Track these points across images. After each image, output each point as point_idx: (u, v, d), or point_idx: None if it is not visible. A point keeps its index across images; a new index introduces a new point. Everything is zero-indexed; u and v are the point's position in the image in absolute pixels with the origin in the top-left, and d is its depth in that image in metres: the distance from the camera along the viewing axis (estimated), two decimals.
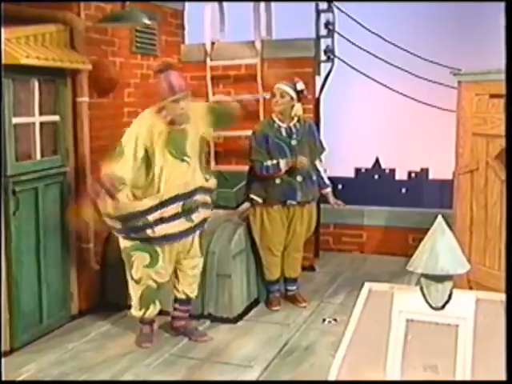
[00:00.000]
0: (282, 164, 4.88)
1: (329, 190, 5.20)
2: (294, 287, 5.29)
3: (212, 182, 4.44)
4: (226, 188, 5.57)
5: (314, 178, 5.07)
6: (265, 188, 4.99)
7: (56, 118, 4.69)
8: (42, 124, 4.55)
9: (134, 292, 4.39)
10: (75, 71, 4.73)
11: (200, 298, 4.81)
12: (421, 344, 2.58)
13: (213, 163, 6.47)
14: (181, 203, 4.19)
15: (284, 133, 5.00)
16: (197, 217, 4.30)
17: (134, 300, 4.41)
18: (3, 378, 3.80)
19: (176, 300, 4.58)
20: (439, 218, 2.64)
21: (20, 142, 4.35)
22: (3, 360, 4.04)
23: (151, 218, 4.13)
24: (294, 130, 5.02)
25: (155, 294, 4.40)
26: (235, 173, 6.05)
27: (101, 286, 5.22)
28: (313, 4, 6.30)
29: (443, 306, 2.58)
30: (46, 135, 4.60)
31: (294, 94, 4.97)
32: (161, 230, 4.17)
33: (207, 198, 4.37)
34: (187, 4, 6.56)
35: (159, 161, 4.11)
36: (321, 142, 5.23)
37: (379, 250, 6.79)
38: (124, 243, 4.31)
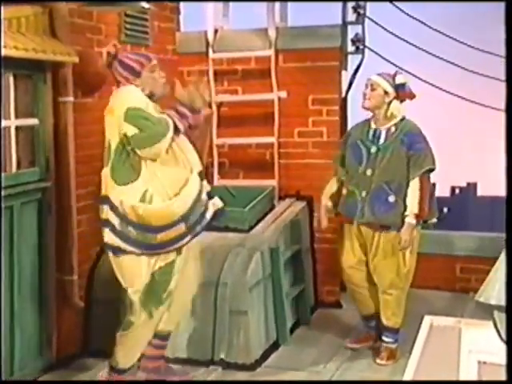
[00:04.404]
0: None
1: (408, 221, 4.84)
2: (389, 339, 5.11)
3: None
4: (234, 206, 5.66)
5: (392, 199, 4.87)
6: (340, 200, 5.17)
7: (34, 121, 4.76)
8: (17, 128, 4.62)
9: (154, 323, 4.44)
10: (57, 65, 4.81)
11: (210, 339, 4.90)
12: None
13: (216, 177, 6.55)
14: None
15: (371, 136, 4.97)
16: None
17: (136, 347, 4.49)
18: None
19: (155, 335, 4.62)
20: None
21: None
22: None
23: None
24: (383, 134, 4.94)
25: None
26: (244, 188, 6.15)
27: (85, 327, 5.27)
28: None
29: None
30: (22, 142, 4.68)
31: (389, 88, 4.88)
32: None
33: None
34: None
35: None
36: (426, 158, 4.89)
37: (419, 282, 6.77)
38: (161, 262, 4.31)
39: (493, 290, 2.70)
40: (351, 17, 6.34)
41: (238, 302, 4.94)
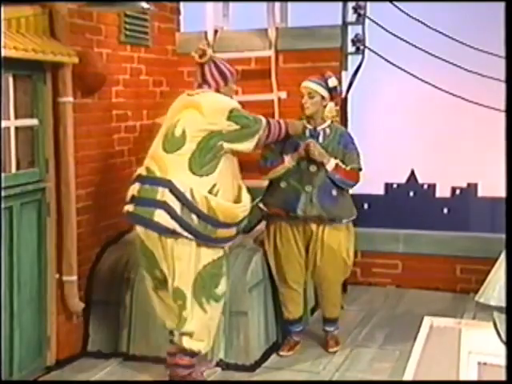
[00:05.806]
0: (287, 158, 5.04)
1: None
2: (332, 328, 5.39)
3: None
4: None
5: (335, 193, 5.09)
6: (270, 194, 5.18)
7: (34, 121, 4.76)
8: (17, 129, 4.62)
9: (213, 319, 4.54)
10: (56, 65, 4.80)
11: None
12: None
13: None
14: None
15: (308, 134, 5.13)
16: None
17: (206, 332, 4.54)
18: None
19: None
20: None
21: None
22: None
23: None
24: (320, 133, 5.14)
25: None
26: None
27: (84, 328, 5.27)
28: None
29: None
30: (21, 143, 4.67)
31: (325, 93, 5.10)
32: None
33: None
34: None
35: None
36: (358, 157, 5.21)
37: (419, 283, 6.85)
38: (213, 255, 4.50)
39: (493, 291, 2.69)
40: (351, 17, 6.31)
41: (238, 302, 4.94)
